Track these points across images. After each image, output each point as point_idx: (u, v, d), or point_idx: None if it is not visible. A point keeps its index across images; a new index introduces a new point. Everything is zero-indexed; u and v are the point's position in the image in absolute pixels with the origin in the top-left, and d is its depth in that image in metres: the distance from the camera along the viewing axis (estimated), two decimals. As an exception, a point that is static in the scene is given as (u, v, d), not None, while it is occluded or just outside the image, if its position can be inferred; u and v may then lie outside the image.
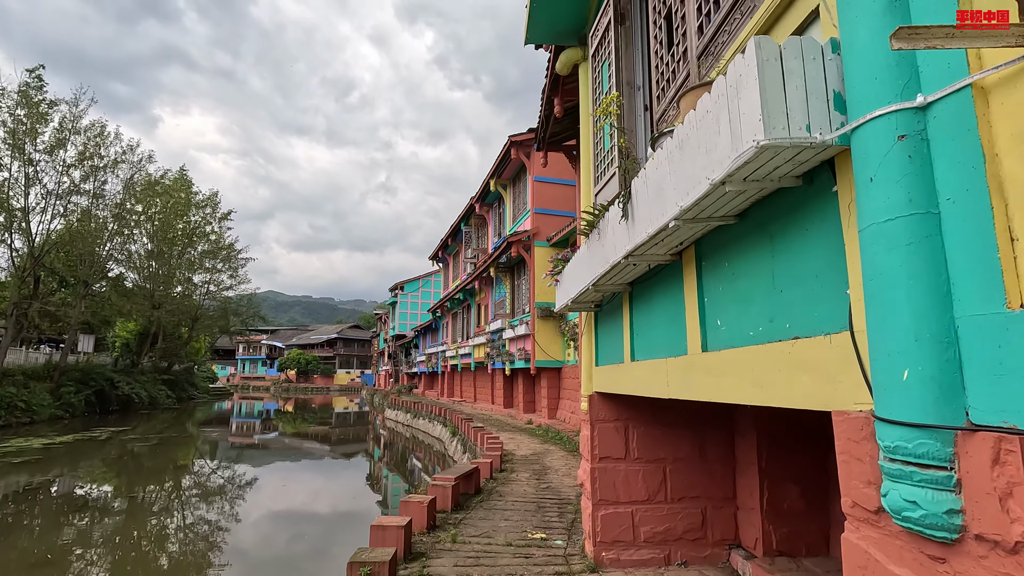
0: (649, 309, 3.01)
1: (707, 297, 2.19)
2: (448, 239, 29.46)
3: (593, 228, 3.06)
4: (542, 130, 10.29)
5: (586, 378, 4.71)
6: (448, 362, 29.49)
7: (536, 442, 12.37)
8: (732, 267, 2.00)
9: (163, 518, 10.68)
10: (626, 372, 3.55)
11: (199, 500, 12.44)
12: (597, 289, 3.34)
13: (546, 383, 16.39)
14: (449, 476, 6.28)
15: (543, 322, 16.37)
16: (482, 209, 23.24)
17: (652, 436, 4.38)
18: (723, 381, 2.00)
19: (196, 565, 8.06)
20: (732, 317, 1.99)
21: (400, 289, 50.43)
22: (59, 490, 12.68)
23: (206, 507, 11.78)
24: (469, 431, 13.49)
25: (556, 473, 8.55)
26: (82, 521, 10.10)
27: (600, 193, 3.54)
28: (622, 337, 3.75)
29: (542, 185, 17.22)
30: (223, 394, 61.79)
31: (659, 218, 1.97)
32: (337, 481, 15.95)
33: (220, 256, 43.71)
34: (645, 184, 2.14)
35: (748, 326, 1.89)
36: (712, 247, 2.16)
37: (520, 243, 16.68)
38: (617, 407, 4.44)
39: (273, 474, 16.73)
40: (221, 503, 12.16)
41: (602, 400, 4.47)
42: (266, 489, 14.16)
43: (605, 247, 2.76)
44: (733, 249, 2.00)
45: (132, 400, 33.33)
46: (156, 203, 36.66)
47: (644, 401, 4.31)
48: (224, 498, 12.68)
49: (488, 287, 21.92)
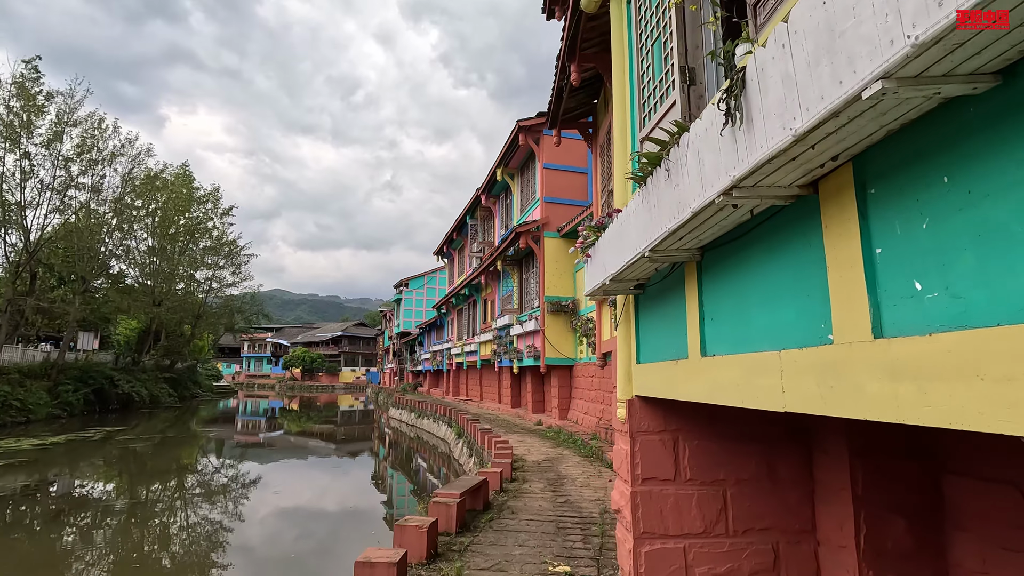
0: (740, 280, 2.11)
1: (884, 246, 1.29)
2: (453, 233, 28.59)
3: (656, 167, 2.17)
4: (556, 105, 9.39)
5: (623, 378, 3.82)
6: (453, 360, 28.66)
7: (548, 446, 11.49)
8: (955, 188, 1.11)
9: (159, 523, 9.89)
10: (694, 372, 2.65)
11: (194, 507, 11.65)
12: (654, 257, 2.45)
13: (557, 382, 15.50)
14: (453, 492, 5.41)
15: (553, 317, 15.48)
16: (488, 201, 22.35)
17: (708, 452, 3.49)
18: (926, 389, 1.13)
19: (194, 569, 7.42)
20: (957, 276, 1.11)
21: (405, 286, 49.66)
22: (47, 494, 11.92)
23: (201, 515, 10.98)
24: (476, 433, 12.63)
25: (573, 484, 7.67)
26: (69, 531, 9.31)
27: (654, 132, 2.63)
28: (683, 325, 2.85)
29: (552, 173, 16.31)
30: (227, 392, 61.32)
31: (827, 92, 1.08)
32: (342, 480, 15.66)
33: (222, 252, 43.02)
34: (781, 54, 1.25)
35: (1000, 293, 1.01)
36: (896, 158, 1.26)
37: (529, 234, 15.78)
38: (664, 415, 3.55)
39: (276, 473, 16.30)
40: (216, 510, 11.35)
41: (645, 407, 3.58)
42: (269, 489, 13.72)
43: (681, 188, 1.86)
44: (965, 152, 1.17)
45: (132, 399, 32.70)
46: (157, 198, 36.00)
47: (701, 408, 3.41)
48: (220, 504, 11.88)
49: (495, 282, 21.04)
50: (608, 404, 12.23)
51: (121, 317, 41.98)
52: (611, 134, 8.81)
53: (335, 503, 12.51)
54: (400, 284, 50.28)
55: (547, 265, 15.72)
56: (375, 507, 12.48)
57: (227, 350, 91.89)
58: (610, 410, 12.08)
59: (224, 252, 43.04)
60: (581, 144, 16.75)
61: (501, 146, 18.45)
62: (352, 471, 17.41)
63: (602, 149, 9.42)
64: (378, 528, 10.01)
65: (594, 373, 13.70)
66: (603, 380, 12.87)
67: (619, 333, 4.05)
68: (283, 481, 15.08)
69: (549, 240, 15.83)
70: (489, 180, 20.81)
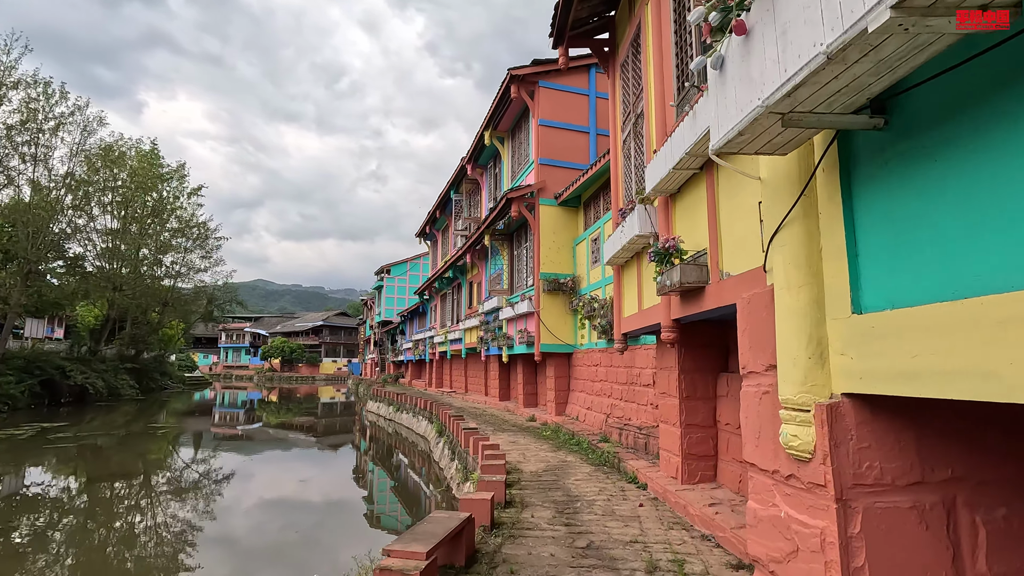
0: None
1: None
2: (436, 211, 26.28)
3: None
4: (563, 13, 7.20)
5: (800, 354, 1.70)
6: (436, 349, 26.48)
7: (547, 449, 9.40)
8: None
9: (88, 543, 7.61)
10: None
11: (130, 541, 9.38)
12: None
13: (553, 372, 13.41)
14: (416, 550, 3.27)
15: (550, 297, 13.36)
16: (475, 171, 20.09)
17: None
18: None
19: None
20: None
21: (386, 273, 47.19)
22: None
23: (148, 540, 8.72)
24: (460, 434, 10.51)
25: (592, 510, 5.57)
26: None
27: None
28: None
29: (549, 132, 14.13)
30: (201, 384, 58.57)
31: None
32: (325, 474, 14.97)
33: (191, 236, 40.22)
34: None
35: None
36: None
37: (521, 200, 13.61)
38: (915, 440, 1.42)
39: (252, 468, 14.70)
40: (164, 538, 9.11)
41: (871, 421, 1.44)
42: (240, 490, 12.28)
43: None
44: None
45: (87, 391, 30.08)
46: (116, 175, 33.17)
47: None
48: (168, 532, 9.63)
49: (482, 261, 18.86)
50: (621, 398, 10.15)
51: (82, 303, 39.17)
52: (639, 41, 6.65)
53: (315, 500, 11.75)
54: (381, 271, 47.79)
55: (543, 237, 13.57)
56: (356, 503, 11.78)
57: (204, 340, 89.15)
58: (623, 405, 9.98)
59: (193, 235, 40.24)
60: (581, 100, 14.56)
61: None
62: (333, 465, 16.51)
63: (623, 68, 7.25)
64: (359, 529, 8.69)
65: (599, 361, 11.62)
66: (612, 370, 10.79)
67: (780, 257, 1.90)
68: (256, 480, 13.69)
69: (545, 208, 13.67)
70: (476, 146, 18.55)
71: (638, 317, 6.61)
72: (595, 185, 12.49)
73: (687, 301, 4.85)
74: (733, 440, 5.63)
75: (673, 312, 5.17)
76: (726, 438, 5.79)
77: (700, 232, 4.59)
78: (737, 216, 3.89)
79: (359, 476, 14.45)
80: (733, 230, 3.98)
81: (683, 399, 5.96)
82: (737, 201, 3.89)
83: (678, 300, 5.06)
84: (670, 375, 6.25)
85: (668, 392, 6.31)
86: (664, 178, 4.78)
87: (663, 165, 4.78)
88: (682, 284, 4.34)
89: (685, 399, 5.97)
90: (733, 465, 5.60)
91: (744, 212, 3.78)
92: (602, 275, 11.77)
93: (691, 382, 6.00)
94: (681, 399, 5.96)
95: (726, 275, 4.08)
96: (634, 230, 5.72)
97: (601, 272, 11.82)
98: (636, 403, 9.44)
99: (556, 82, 14.31)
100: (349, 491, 12.88)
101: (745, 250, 3.76)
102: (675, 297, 5.08)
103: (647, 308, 6.23)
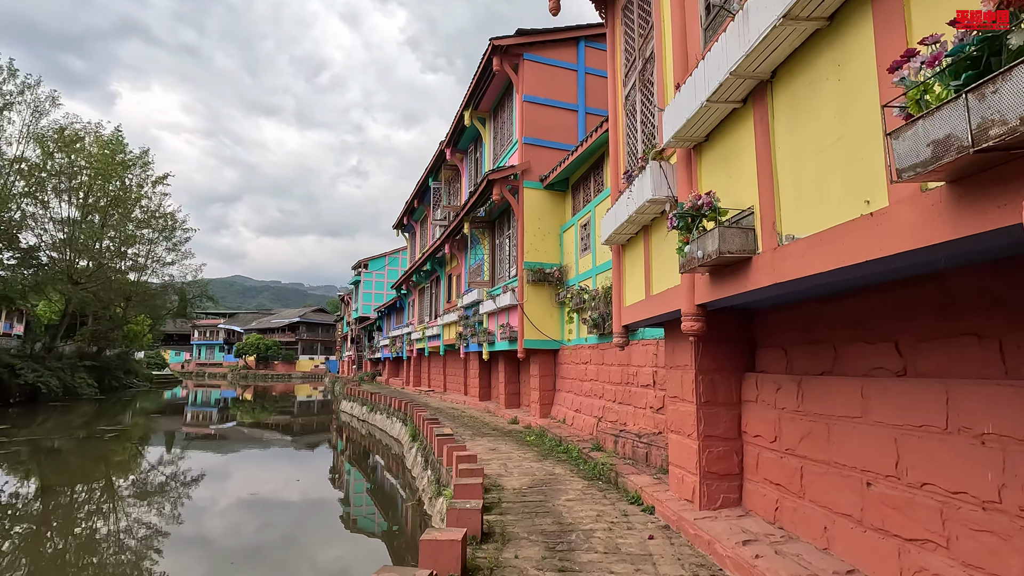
0: None
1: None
2: (414, 201, 24.95)
3: None
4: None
5: None
6: (414, 346, 25.19)
7: (532, 458, 8.25)
8: None
9: None
10: None
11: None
12: None
13: (538, 370, 12.28)
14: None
15: (535, 289, 12.21)
16: (454, 156, 18.84)
17: None
18: None
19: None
20: None
21: (364, 267, 45.64)
22: None
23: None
24: (433, 440, 9.32)
25: (590, 543, 4.43)
26: None
27: None
28: None
29: (534, 109, 12.95)
30: (170, 382, 56.39)
31: None
32: (303, 474, 14.34)
33: (156, 226, 38.24)
34: None
35: None
36: None
37: (504, 182, 12.43)
38: None
39: (226, 469, 13.41)
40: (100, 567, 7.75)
41: None
42: (210, 489, 11.46)
43: None
44: None
45: (40, 391, 28.17)
46: (75, 160, 31.20)
47: None
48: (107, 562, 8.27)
49: (461, 252, 17.65)
50: (615, 400, 9.04)
51: (37, 298, 36.97)
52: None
53: (294, 501, 11.21)
54: (359, 265, 46.20)
55: (527, 223, 12.41)
56: (333, 505, 11.34)
57: (176, 337, 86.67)
58: (617, 408, 8.87)
59: (158, 226, 38.26)
60: (570, 75, 13.43)
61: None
62: (310, 465, 15.92)
63: (626, 9, 6.11)
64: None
65: (588, 359, 10.52)
66: (604, 368, 9.68)
67: None
68: (230, 481, 12.91)
69: (530, 192, 12.50)
70: (455, 129, 17.30)
71: (645, 305, 5.49)
72: (585, 164, 11.37)
73: (719, 280, 3.72)
74: (764, 456, 4.54)
75: (699, 295, 4.04)
76: (755, 453, 4.70)
77: (742, 187, 3.47)
78: (813, 151, 2.77)
79: (335, 477, 13.86)
80: (803, 173, 2.86)
81: (701, 405, 4.85)
82: (813, 127, 2.76)
83: (706, 280, 3.93)
84: (683, 376, 5.14)
85: (681, 396, 5.20)
86: (691, 119, 3.65)
87: (690, 102, 3.64)
88: (721, 255, 3.22)
89: (704, 405, 4.86)
90: (766, 487, 4.51)
91: (825, 142, 2.66)
92: (593, 263, 10.66)
93: (711, 384, 4.89)
94: (699, 405, 4.85)
95: (788, 239, 2.96)
96: (645, 194, 4.58)
97: (592, 260, 10.71)
98: (633, 406, 8.34)
99: (543, 55, 13.14)
100: (326, 492, 12.38)
101: (828, 200, 2.64)
102: (703, 276, 3.96)
103: (658, 293, 5.10)
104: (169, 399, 38.56)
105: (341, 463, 15.66)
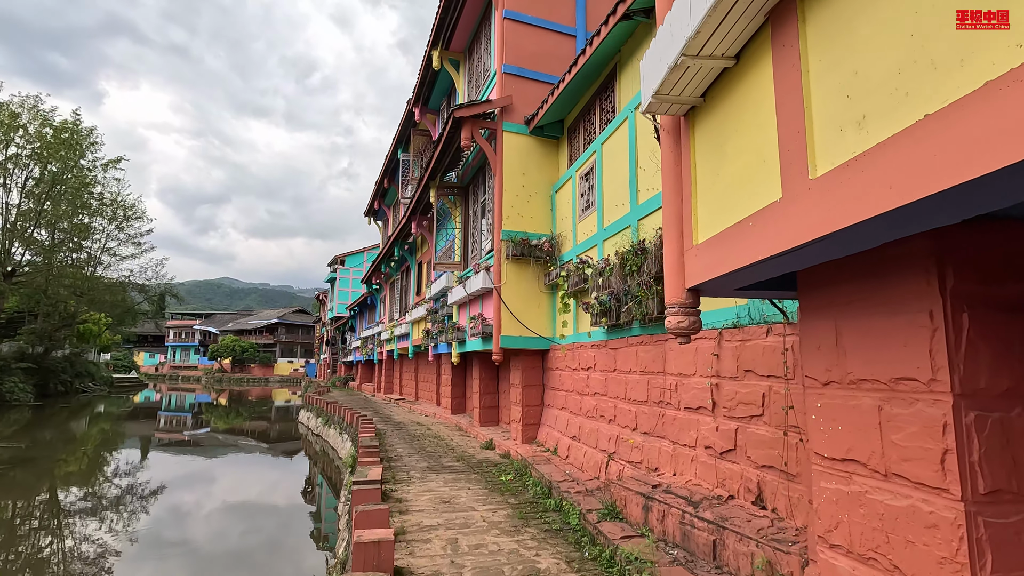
0: None
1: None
2: (384, 180, 21.62)
3: None
4: None
5: None
6: (384, 347, 21.87)
7: (502, 523, 4.97)
8: None
9: None
10: None
11: None
12: None
13: (520, 378, 9.03)
14: None
15: (517, 268, 8.95)
16: (425, 118, 15.58)
17: None
18: None
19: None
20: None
21: (340, 263, 42.15)
22: None
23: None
24: (352, 488, 6.01)
25: None
26: None
27: None
28: None
29: (519, 30, 9.73)
30: (135, 386, 52.40)
31: None
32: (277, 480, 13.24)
33: (106, 215, 34.60)
34: None
35: None
36: None
37: (477, 122, 9.18)
38: None
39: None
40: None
41: None
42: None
43: None
44: None
45: (-44, 396, 24.58)
46: (11, 138, 27.73)
47: None
48: None
49: (429, 231, 14.39)
50: (637, 428, 5.76)
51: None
52: None
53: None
54: (335, 261, 42.68)
55: (507, 180, 9.15)
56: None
57: (150, 338, 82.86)
58: (644, 442, 5.61)
59: (107, 215, 34.63)
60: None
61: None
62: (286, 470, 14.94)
63: None
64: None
65: (593, 362, 7.27)
66: (618, 377, 6.43)
67: None
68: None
69: (512, 137, 9.25)
70: (423, 78, 14.02)
71: (772, 225, 2.22)
72: (589, 92, 8.17)
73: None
74: None
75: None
76: None
77: None
78: None
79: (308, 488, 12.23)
80: None
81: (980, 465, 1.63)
82: None
83: None
84: (898, 407, 1.91)
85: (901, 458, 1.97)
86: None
87: None
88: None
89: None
90: None
91: None
92: (599, 224, 7.43)
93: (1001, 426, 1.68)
94: (970, 464, 1.62)
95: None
96: None
97: (598, 220, 7.47)
98: (671, 441, 5.10)
99: (530, -39, 9.95)
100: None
101: None
102: None
103: (842, 175, 1.84)
104: (143, 403, 35.59)
105: (315, 475, 12.36)
